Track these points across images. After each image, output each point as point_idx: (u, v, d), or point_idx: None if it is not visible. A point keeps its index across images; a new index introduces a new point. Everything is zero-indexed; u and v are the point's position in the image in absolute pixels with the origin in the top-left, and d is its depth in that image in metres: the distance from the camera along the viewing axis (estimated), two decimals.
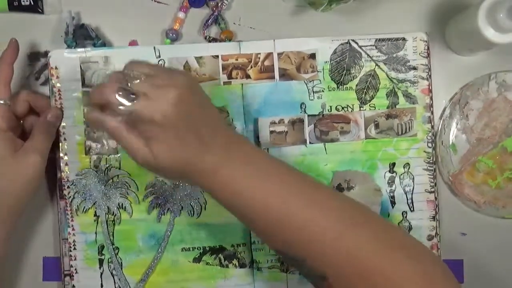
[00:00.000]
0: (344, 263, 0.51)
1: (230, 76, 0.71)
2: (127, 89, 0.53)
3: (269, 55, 0.71)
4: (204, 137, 0.54)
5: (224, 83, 0.71)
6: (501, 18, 0.61)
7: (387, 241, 0.53)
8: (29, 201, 0.65)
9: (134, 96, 0.52)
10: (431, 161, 0.72)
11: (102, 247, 0.71)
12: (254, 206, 0.55)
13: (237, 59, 0.71)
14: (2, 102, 0.64)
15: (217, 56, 0.71)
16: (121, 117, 0.53)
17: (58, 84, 0.70)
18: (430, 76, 0.72)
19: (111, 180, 0.71)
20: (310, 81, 0.71)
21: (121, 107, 0.52)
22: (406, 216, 0.72)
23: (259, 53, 0.71)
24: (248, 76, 0.71)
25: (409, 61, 0.71)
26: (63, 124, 0.70)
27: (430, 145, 0.72)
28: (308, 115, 0.72)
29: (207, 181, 0.55)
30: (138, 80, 0.53)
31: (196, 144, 0.54)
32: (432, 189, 0.72)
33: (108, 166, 0.71)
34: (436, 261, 0.55)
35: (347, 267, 0.51)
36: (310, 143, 0.72)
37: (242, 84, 0.71)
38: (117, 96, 0.52)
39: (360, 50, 0.72)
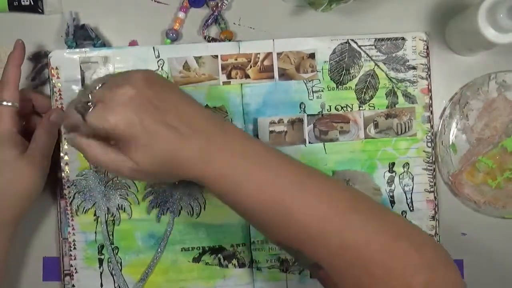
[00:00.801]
0: (343, 254, 0.49)
1: (229, 76, 0.71)
2: (83, 102, 0.51)
3: (268, 55, 0.71)
4: (175, 124, 0.51)
5: (224, 83, 0.71)
6: (501, 18, 0.61)
7: (389, 231, 0.50)
8: (34, 202, 0.66)
9: (90, 105, 0.51)
10: (431, 161, 0.72)
11: (102, 246, 0.71)
12: (248, 199, 0.52)
13: (236, 59, 0.71)
14: (10, 104, 0.63)
15: (217, 56, 0.71)
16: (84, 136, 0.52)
17: (58, 84, 0.70)
18: (429, 75, 0.72)
19: (111, 181, 0.71)
20: (309, 81, 0.71)
21: (83, 123, 0.51)
22: (405, 216, 0.72)
23: (259, 53, 0.71)
24: (247, 76, 0.71)
25: (408, 61, 0.72)
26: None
27: (429, 144, 0.72)
28: (308, 115, 0.72)
29: (197, 171, 0.52)
30: (94, 90, 0.52)
31: (168, 133, 0.50)
32: (432, 189, 0.72)
33: None
34: (438, 248, 0.53)
35: (346, 258, 0.49)
36: (309, 142, 0.72)
37: (241, 84, 0.71)
38: (76, 111, 0.51)
39: (360, 50, 0.72)
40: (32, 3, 0.71)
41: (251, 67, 0.71)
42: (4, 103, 0.62)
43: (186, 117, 0.52)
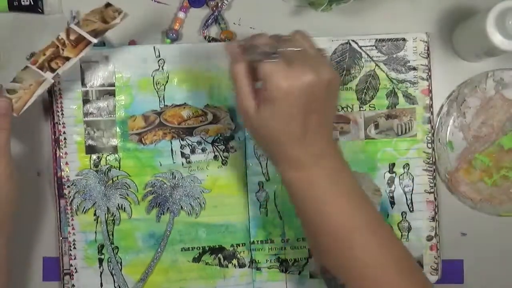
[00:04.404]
0: None
1: None
2: (269, 51, 0.54)
3: None
4: (310, 130, 0.55)
5: None
6: (510, 25, 0.62)
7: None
8: (19, 199, 0.63)
9: (274, 56, 0.53)
10: (431, 162, 0.72)
11: (102, 246, 0.71)
12: (325, 220, 0.56)
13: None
14: None
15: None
16: (245, 64, 0.55)
17: (59, 83, 0.70)
18: (430, 76, 0.72)
19: (111, 181, 0.71)
20: None
21: (259, 52, 0.53)
22: (405, 217, 0.72)
23: None
24: None
25: (409, 62, 0.71)
26: (63, 123, 0.71)
27: (429, 145, 0.72)
28: None
29: (287, 169, 0.56)
30: (296, 49, 0.54)
31: (299, 129, 0.54)
32: (432, 190, 0.72)
33: (108, 166, 0.71)
34: None
35: None
36: None
37: None
38: (264, 47, 0.54)
39: (360, 50, 0.72)
40: (32, 3, 0.71)
41: None
42: None
43: (320, 133, 0.56)
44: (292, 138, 0.54)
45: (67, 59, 0.64)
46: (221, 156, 0.72)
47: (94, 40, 0.64)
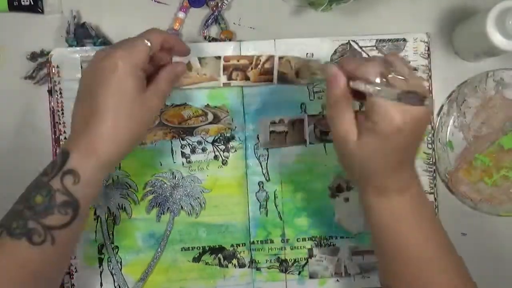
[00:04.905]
0: None
1: (230, 77, 0.71)
2: (387, 79, 0.52)
3: (270, 58, 0.71)
4: (404, 162, 0.55)
5: (224, 84, 0.71)
6: (509, 25, 0.62)
7: None
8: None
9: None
10: (431, 162, 0.72)
11: (102, 246, 0.71)
12: (402, 249, 0.56)
13: (238, 61, 0.71)
14: (147, 41, 0.58)
15: (219, 57, 0.71)
16: (348, 90, 0.54)
17: (59, 83, 0.70)
18: (430, 76, 0.72)
19: (111, 181, 0.71)
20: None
21: (371, 85, 0.51)
22: None
23: (261, 56, 0.70)
24: (247, 78, 0.71)
25: (409, 62, 0.71)
26: (63, 122, 0.71)
27: (430, 146, 0.72)
28: (308, 115, 0.71)
29: (372, 195, 0.56)
30: (401, 78, 0.52)
31: (398, 163, 0.54)
32: (432, 190, 0.72)
33: None
34: None
35: None
36: (310, 143, 0.72)
37: (242, 87, 0.71)
38: (376, 78, 0.52)
39: (361, 51, 0.71)
40: (32, 3, 0.71)
41: (252, 69, 0.71)
42: (145, 41, 0.58)
43: (409, 164, 0.56)
44: (389, 169, 0.54)
45: (246, 78, 0.69)
46: (221, 156, 0.72)
47: (274, 83, 0.71)
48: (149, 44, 0.57)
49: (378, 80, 0.51)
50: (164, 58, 0.62)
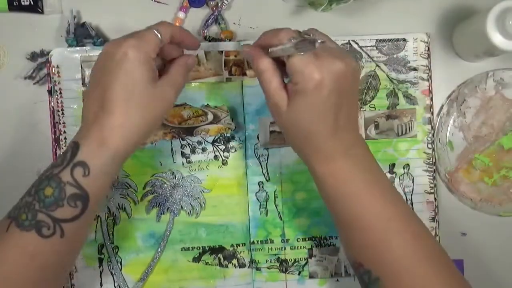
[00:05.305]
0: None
1: (230, 73, 0.71)
2: (306, 41, 0.52)
3: None
4: (341, 122, 0.54)
5: (226, 79, 0.71)
6: (509, 25, 0.62)
7: (449, 280, 0.56)
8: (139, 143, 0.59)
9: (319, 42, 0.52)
10: (431, 162, 0.72)
11: (102, 245, 0.71)
12: (359, 212, 0.55)
13: (236, 56, 0.71)
14: (157, 32, 0.57)
15: (222, 52, 0.71)
16: (270, 60, 0.55)
17: (59, 83, 0.71)
18: (430, 77, 0.72)
19: None
20: None
21: (289, 45, 0.52)
22: None
23: None
24: (245, 74, 0.71)
25: (409, 62, 0.71)
26: (63, 122, 0.71)
27: (430, 146, 0.72)
28: None
29: (320, 164, 0.56)
30: (317, 42, 0.52)
31: (332, 121, 0.54)
32: (432, 190, 0.72)
33: None
34: None
35: None
36: None
37: (242, 82, 0.71)
38: (291, 39, 0.53)
39: (361, 51, 0.72)
40: (32, 3, 0.71)
41: (250, 67, 0.71)
42: (155, 31, 0.58)
43: (349, 124, 0.56)
44: (325, 130, 0.54)
45: (243, 74, 0.71)
46: (221, 156, 0.72)
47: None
48: (159, 35, 0.57)
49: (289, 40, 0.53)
50: (175, 52, 0.61)
